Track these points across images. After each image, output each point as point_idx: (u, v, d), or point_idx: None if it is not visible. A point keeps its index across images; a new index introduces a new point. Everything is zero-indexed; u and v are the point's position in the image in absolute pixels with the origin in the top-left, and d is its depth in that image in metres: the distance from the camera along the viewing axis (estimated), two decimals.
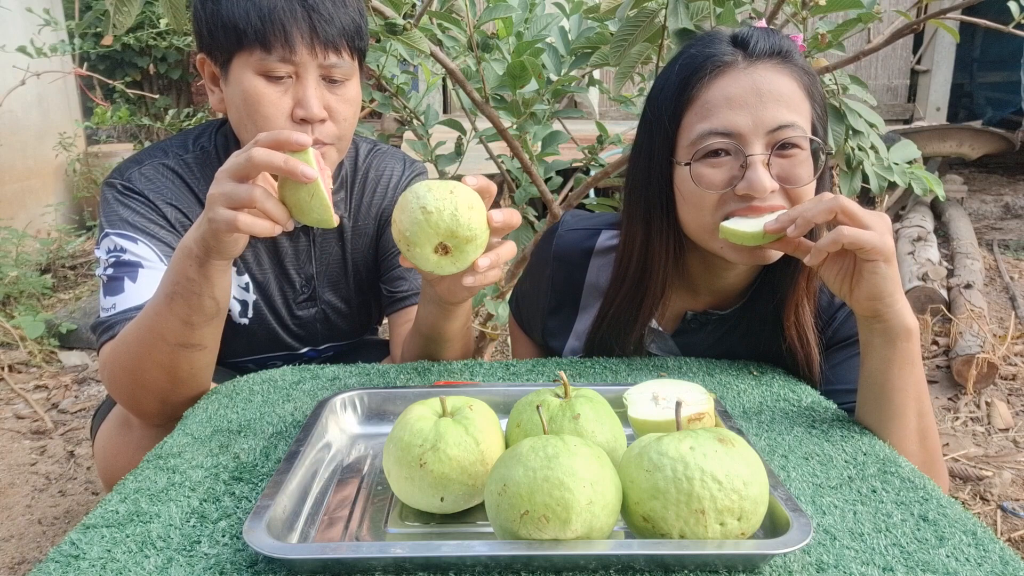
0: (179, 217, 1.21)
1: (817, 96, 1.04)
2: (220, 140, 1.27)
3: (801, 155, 1.00)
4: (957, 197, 5.04)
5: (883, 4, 5.31)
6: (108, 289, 1.13)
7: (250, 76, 1.11)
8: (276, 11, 1.08)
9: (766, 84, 0.99)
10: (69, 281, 3.99)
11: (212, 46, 1.14)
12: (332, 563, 0.64)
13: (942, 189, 1.62)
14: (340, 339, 1.47)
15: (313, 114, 1.12)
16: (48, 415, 2.65)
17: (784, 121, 0.98)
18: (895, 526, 0.72)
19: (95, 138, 5.43)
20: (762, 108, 0.98)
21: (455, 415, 0.76)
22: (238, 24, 1.09)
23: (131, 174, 1.21)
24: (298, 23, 1.09)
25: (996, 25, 1.49)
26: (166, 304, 0.98)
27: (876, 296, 0.89)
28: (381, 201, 1.39)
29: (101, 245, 1.17)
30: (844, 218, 0.87)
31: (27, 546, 1.93)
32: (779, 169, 1.00)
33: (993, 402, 2.59)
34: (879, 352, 0.93)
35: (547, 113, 1.82)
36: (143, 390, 1.06)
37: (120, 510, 0.75)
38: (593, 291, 1.25)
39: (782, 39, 1.04)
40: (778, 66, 1.01)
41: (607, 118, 4.86)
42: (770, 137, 0.99)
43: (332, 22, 1.11)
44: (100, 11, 2.71)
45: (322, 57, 1.11)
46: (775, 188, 0.99)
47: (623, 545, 0.65)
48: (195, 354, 1.03)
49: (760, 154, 0.98)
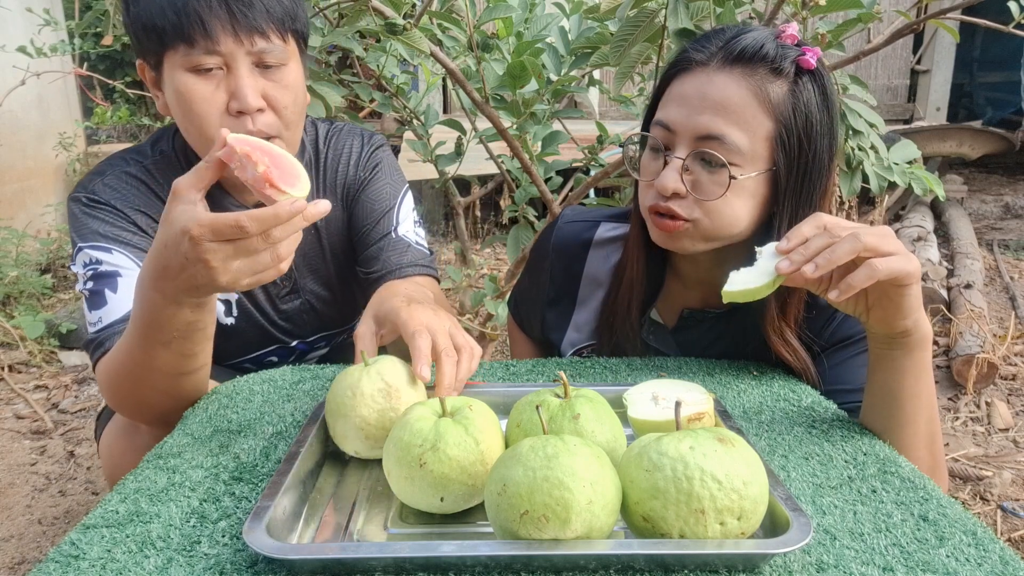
0: (148, 222, 1.20)
1: (795, 118, 0.99)
2: (179, 142, 1.25)
3: (725, 171, 0.98)
4: (957, 197, 5.04)
5: (883, 4, 5.31)
6: (91, 303, 1.13)
7: (180, 74, 1.08)
8: (190, 3, 1.04)
9: (715, 90, 0.99)
10: (69, 281, 3.99)
11: (142, 50, 1.11)
12: (332, 563, 0.64)
13: (942, 189, 1.62)
14: (329, 328, 1.46)
15: (248, 105, 1.07)
16: (48, 415, 2.65)
17: (712, 131, 0.98)
18: (895, 526, 0.72)
19: (95, 138, 5.43)
20: (699, 113, 0.99)
21: (455, 415, 0.76)
22: (156, 23, 1.05)
23: (94, 186, 1.19)
24: (215, 12, 1.05)
25: (996, 25, 1.49)
26: (163, 348, 0.94)
27: (904, 315, 0.86)
28: (344, 179, 1.35)
29: (76, 260, 1.16)
30: (868, 253, 0.81)
31: (27, 546, 1.93)
32: (698, 177, 1.00)
33: (993, 402, 2.59)
34: (895, 363, 0.91)
35: (547, 113, 1.83)
36: (146, 407, 1.07)
37: (120, 510, 0.75)
38: (592, 283, 1.25)
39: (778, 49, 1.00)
40: (745, 75, 0.99)
41: (607, 118, 4.86)
42: (695, 143, 0.99)
43: (253, 6, 1.06)
44: (100, 11, 2.72)
45: (249, 44, 1.07)
46: (680, 191, 1.00)
47: (623, 545, 0.65)
48: (196, 375, 1.03)
49: (678, 157, 1.00)
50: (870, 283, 0.81)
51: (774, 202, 1.03)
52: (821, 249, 0.82)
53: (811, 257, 0.82)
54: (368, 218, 1.34)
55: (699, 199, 1.00)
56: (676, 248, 1.06)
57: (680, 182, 1.00)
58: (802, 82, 1.00)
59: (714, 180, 1.00)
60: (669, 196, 1.01)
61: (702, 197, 1.00)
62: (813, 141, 1.01)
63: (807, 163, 1.01)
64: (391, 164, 1.40)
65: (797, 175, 1.01)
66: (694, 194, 1.01)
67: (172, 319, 0.90)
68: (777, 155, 1.00)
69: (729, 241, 1.06)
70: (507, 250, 2.03)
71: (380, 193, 1.36)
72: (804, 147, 1.01)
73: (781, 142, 1.00)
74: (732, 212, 1.01)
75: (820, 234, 0.83)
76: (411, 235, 1.36)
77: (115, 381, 1.05)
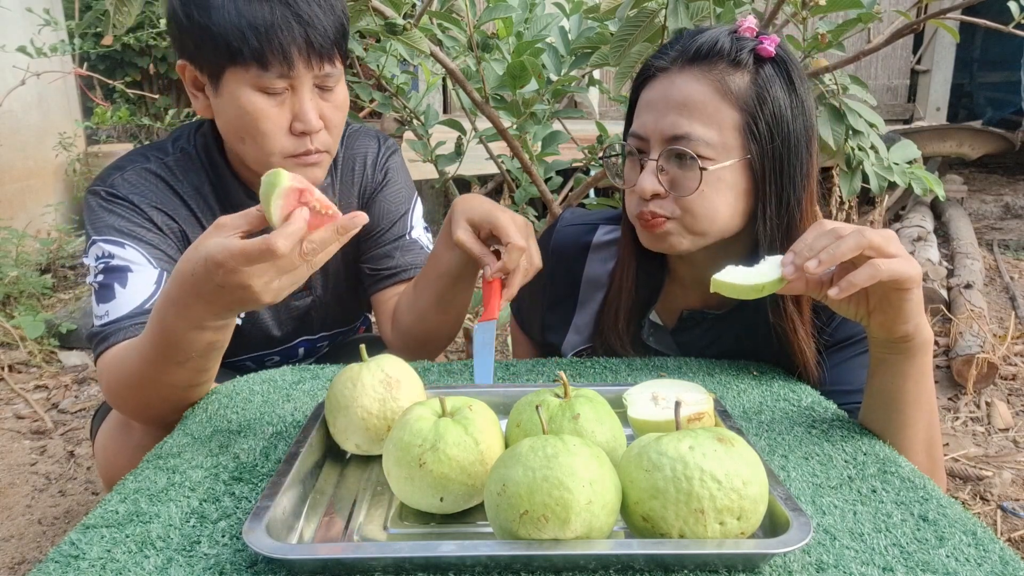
0: (165, 220, 1.20)
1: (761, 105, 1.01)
2: (200, 141, 1.25)
3: (696, 164, 1.01)
4: (957, 197, 5.04)
5: (883, 4, 5.31)
6: (100, 296, 1.13)
7: (247, 92, 1.08)
8: (273, 29, 1.05)
9: (675, 92, 1.03)
10: (69, 281, 3.99)
11: (199, 57, 1.11)
12: (332, 563, 0.64)
13: (942, 189, 1.62)
14: (332, 328, 1.47)
15: (313, 127, 1.11)
16: (48, 415, 2.65)
17: (678, 131, 1.02)
18: (895, 526, 0.72)
19: (95, 138, 5.43)
20: (665, 115, 1.03)
21: (455, 415, 0.76)
22: (232, 43, 1.05)
23: (114, 180, 1.20)
24: (295, 40, 1.06)
25: (996, 25, 1.49)
26: (178, 367, 0.95)
27: (905, 320, 0.86)
28: (360, 180, 1.37)
29: (89, 253, 1.17)
30: (871, 251, 0.81)
31: (27, 546, 1.93)
32: (674, 176, 1.04)
33: (993, 402, 2.59)
34: (895, 368, 0.91)
35: (547, 113, 1.83)
36: (147, 410, 1.07)
37: (120, 510, 0.75)
38: (591, 285, 1.26)
39: (731, 42, 1.03)
40: (703, 73, 1.02)
41: (607, 118, 4.85)
42: (665, 144, 1.03)
43: (326, 33, 1.09)
44: (100, 11, 2.72)
45: (317, 68, 1.10)
46: (658, 191, 1.03)
47: (623, 545, 0.65)
48: (205, 386, 1.05)
49: (652, 159, 1.04)
50: (872, 283, 0.81)
51: (756, 190, 1.05)
52: (825, 247, 0.82)
53: (815, 254, 0.82)
54: (383, 220, 1.37)
55: (678, 196, 1.04)
56: (666, 249, 1.08)
57: (657, 183, 1.04)
58: (764, 70, 1.03)
59: (687, 176, 1.03)
60: (649, 198, 1.05)
61: (679, 193, 1.03)
62: (784, 125, 1.03)
63: (781, 147, 1.04)
64: (404, 168, 1.44)
65: (773, 160, 1.04)
66: (673, 192, 1.04)
67: (193, 342, 0.91)
68: (749, 143, 1.03)
69: (718, 236, 1.07)
70: None
71: (396, 196, 1.39)
72: (775, 132, 1.03)
73: (750, 130, 1.02)
74: (712, 205, 1.04)
75: (825, 233, 0.83)
76: (423, 239, 1.40)
77: (119, 383, 1.05)
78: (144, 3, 1.62)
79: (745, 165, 1.03)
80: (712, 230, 1.06)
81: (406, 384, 0.86)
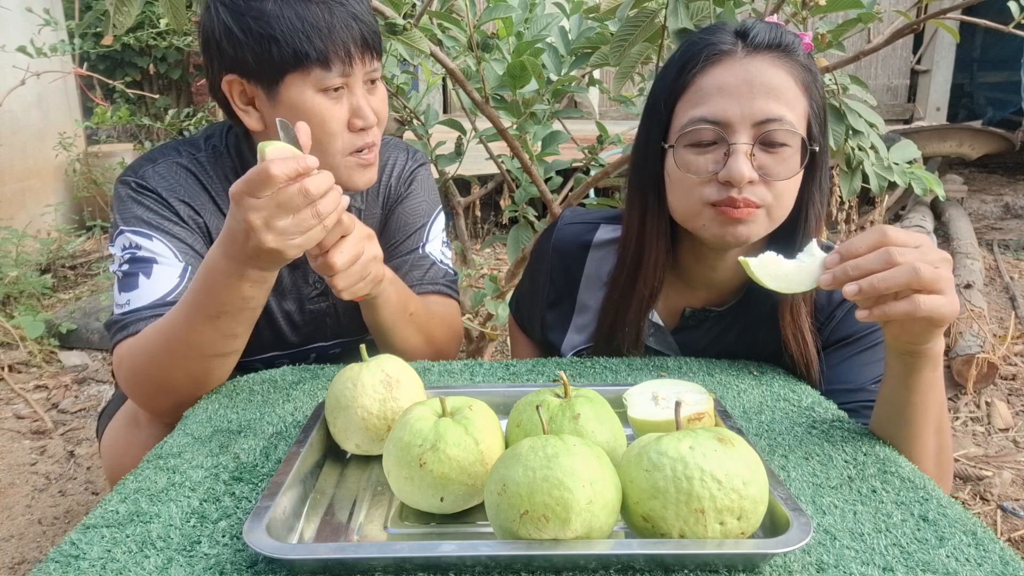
0: (191, 213, 1.22)
1: (816, 94, 1.04)
2: (231, 140, 1.27)
3: (786, 151, 1.00)
4: (957, 197, 5.04)
5: (883, 4, 5.31)
6: (123, 285, 1.14)
7: (311, 95, 1.10)
8: (335, 31, 1.08)
9: (760, 76, 1.00)
10: (69, 281, 3.99)
11: (257, 70, 1.11)
12: (332, 563, 0.64)
13: (942, 189, 1.62)
14: (345, 336, 1.47)
15: (370, 121, 1.14)
16: (48, 415, 2.65)
17: (772, 115, 0.99)
18: (895, 526, 0.72)
19: (95, 138, 5.43)
20: (752, 99, 0.99)
21: (455, 415, 0.76)
22: (298, 47, 1.07)
23: (144, 172, 1.21)
24: (354, 38, 1.09)
25: (996, 25, 1.49)
26: (209, 323, 0.98)
27: (924, 341, 0.85)
28: (387, 188, 1.39)
29: (116, 242, 1.18)
30: (918, 286, 0.78)
31: (27, 546, 1.93)
32: (762, 161, 1.00)
33: (993, 402, 2.59)
34: (906, 379, 0.90)
35: (547, 113, 1.83)
36: (165, 393, 1.07)
37: (120, 510, 0.76)
38: (591, 284, 1.26)
39: (785, 34, 1.04)
40: (776, 60, 1.01)
41: (607, 118, 4.85)
42: (756, 129, 1.00)
43: (374, 29, 1.13)
44: (100, 11, 2.71)
45: (369, 65, 1.14)
46: (754, 179, 1.00)
47: (623, 545, 0.65)
48: (229, 359, 1.05)
49: (744, 144, 0.99)
50: (907, 318, 0.79)
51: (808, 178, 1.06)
52: (872, 272, 0.79)
53: (857, 278, 0.79)
54: (400, 231, 1.38)
55: (772, 181, 1.00)
56: (740, 238, 1.03)
57: (752, 169, 1.00)
58: (811, 64, 1.05)
59: (779, 161, 1.01)
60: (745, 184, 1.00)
61: (774, 179, 1.00)
62: (824, 116, 1.06)
63: (823, 138, 1.06)
64: (430, 183, 1.45)
65: (821, 150, 1.06)
66: (767, 177, 1.00)
67: (231, 290, 0.95)
68: (814, 132, 1.04)
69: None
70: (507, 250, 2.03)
71: (416, 209, 1.40)
72: (824, 122, 1.06)
73: (814, 118, 1.04)
74: (792, 193, 1.04)
75: (878, 254, 0.79)
76: (437, 253, 1.40)
77: (140, 360, 1.06)
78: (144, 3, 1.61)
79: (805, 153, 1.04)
80: (784, 217, 1.05)
81: (406, 384, 0.87)
